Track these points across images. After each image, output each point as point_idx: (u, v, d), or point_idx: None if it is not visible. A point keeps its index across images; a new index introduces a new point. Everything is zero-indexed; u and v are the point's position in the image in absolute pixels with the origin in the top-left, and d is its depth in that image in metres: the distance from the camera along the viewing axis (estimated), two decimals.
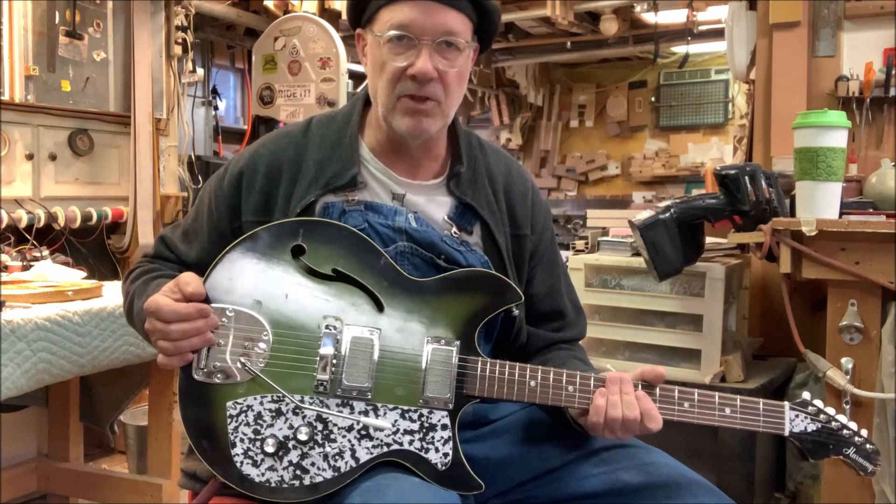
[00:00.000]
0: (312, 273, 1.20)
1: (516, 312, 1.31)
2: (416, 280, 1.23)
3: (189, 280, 1.16)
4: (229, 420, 1.14)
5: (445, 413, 1.17)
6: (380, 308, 1.20)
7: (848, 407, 2.09)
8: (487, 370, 1.19)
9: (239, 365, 1.15)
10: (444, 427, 1.17)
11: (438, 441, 1.16)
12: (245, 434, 1.13)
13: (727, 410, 1.18)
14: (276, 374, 1.16)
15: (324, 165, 1.30)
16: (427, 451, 1.16)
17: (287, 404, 1.15)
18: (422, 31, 1.21)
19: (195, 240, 1.34)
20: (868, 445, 1.20)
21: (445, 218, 1.32)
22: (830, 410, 1.21)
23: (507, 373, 1.19)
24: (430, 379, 1.18)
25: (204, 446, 1.14)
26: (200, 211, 1.36)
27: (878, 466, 1.20)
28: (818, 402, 1.21)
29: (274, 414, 1.14)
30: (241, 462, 1.13)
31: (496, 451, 1.30)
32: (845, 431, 1.20)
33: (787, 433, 1.19)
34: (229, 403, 1.15)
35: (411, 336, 1.19)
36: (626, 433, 1.16)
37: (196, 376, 1.15)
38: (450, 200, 1.34)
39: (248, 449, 1.13)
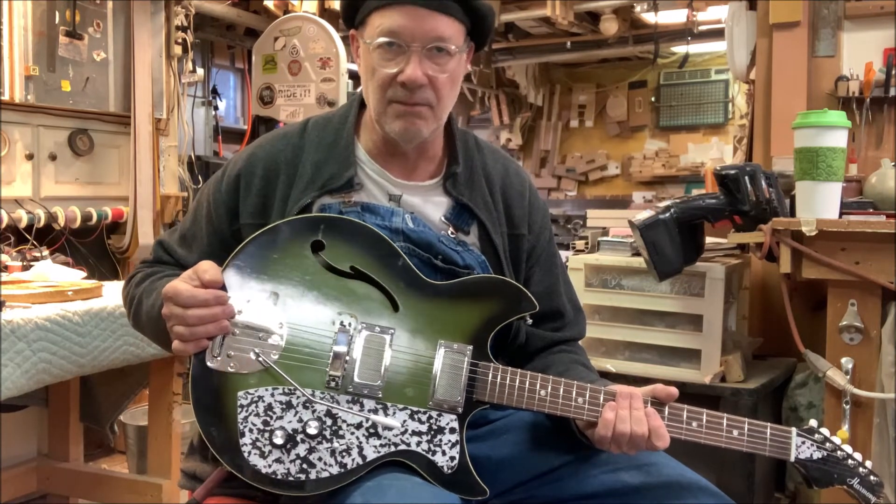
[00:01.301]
0: (330, 269, 1.21)
1: (530, 321, 1.31)
2: (433, 283, 1.23)
3: (207, 268, 1.16)
4: (239, 409, 1.14)
5: (454, 417, 1.17)
6: (395, 308, 1.21)
7: (848, 407, 2.09)
8: (499, 377, 1.19)
9: (252, 355, 1.16)
10: (452, 430, 1.17)
11: (446, 444, 1.16)
12: (254, 424, 1.14)
13: (735, 433, 1.18)
14: (289, 367, 1.16)
15: (320, 167, 1.30)
16: (434, 453, 1.16)
17: (298, 398, 1.15)
18: (411, 38, 1.21)
19: (194, 243, 1.34)
20: (872, 477, 1.20)
21: (442, 218, 1.33)
22: (836, 440, 1.21)
23: (517, 381, 1.20)
24: (440, 382, 1.18)
25: (212, 434, 1.14)
26: (199, 214, 1.36)
27: (880, 499, 1.21)
28: (825, 431, 1.22)
29: (284, 406, 1.15)
30: (249, 452, 1.13)
31: (496, 450, 1.30)
32: (850, 461, 1.20)
33: (792, 459, 1.19)
34: (240, 393, 1.15)
35: (425, 338, 1.20)
36: (633, 448, 1.16)
37: (209, 364, 1.16)
38: (446, 200, 1.34)
39: (257, 439, 1.13)
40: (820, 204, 2.11)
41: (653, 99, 7.28)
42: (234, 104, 5.94)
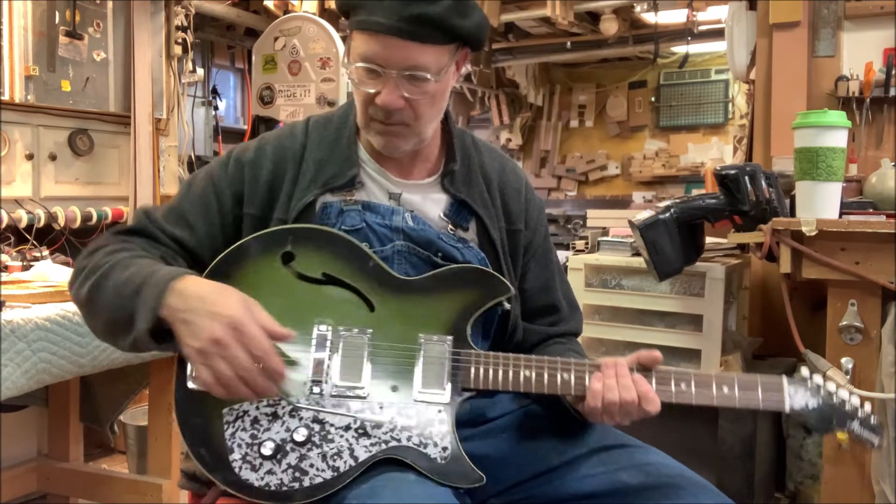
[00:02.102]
0: (303, 278, 1.21)
1: (508, 306, 1.31)
2: (406, 279, 1.24)
3: (273, 324, 1.10)
4: (226, 426, 1.14)
5: (442, 407, 1.18)
6: (371, 308, 1.21)
7: None
8: (481, 363, 1.20)
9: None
10: (441, 421, 1.17)
11: (437, 435, 1.16)
12: (242, 439, 1.14)
13: (725, 389, 1.17)
14: None
15: (323, 165, 1.31)
16: (426, 445, 1.16)
17: (283, 407, 1.15)
18: (386, 64, 1.20)
19: (188, 217, 1.28)
20: (872, 418, 1.17)
21: (441, 215, 1.34)
22: (831, 385, 1.19)
23: (500, 364, 1.20)
24: (424, 374, 1.19)
25: (202, 454, 1.14)
26: (192, 193, 1.30)
27: (883, 439, 1.17)
28: (818, 378, 1.19)
29: (270, 417, 1.15)
30: (240, 467, 1.13)
31: (495, 449, 1.30)
32: (848, 406, 1.17)
33: (787, 409, 1.17)
34: (225, 410, 1.15)
35: (404, 334, 1.20)
36: (625, 417, 1.16)
37: (191, 385, 1.15)
38: (445, 198, 1.35)
39: (246, 454, 1.13)
40: (820, 204, 2.11)
41: (653, 99, 7.27)
42: (234, 104, 5.95)
